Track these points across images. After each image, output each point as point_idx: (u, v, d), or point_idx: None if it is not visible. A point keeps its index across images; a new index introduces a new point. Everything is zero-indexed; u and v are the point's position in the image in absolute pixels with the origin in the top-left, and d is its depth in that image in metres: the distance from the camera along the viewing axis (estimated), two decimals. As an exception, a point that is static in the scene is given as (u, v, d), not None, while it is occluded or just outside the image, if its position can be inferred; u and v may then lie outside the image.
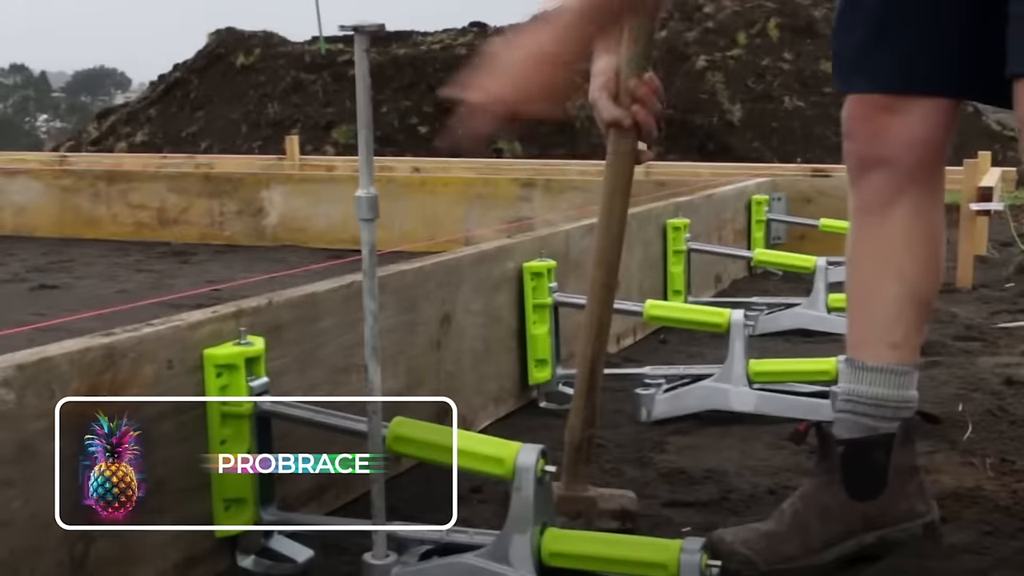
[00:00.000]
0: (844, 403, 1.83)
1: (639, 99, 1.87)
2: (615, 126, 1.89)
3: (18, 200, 7.10)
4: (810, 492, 1.80)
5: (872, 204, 1.82)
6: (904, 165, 1.78)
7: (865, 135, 1.80)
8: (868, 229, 1.84)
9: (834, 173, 6.89)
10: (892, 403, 1.80)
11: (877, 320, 1.82)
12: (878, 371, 1.80)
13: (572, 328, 3.02)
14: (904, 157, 1.78)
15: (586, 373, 1.97)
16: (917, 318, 1.83)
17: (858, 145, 1.82)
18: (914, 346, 1.84)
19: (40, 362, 1.45)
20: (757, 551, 1.72)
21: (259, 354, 1.76)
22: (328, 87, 15.56)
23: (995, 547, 1.81)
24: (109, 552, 1.54)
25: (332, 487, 2.04)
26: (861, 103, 1.80)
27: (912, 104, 1.76)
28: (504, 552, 1.57)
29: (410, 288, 2.30)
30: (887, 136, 1.78)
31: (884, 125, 1.78)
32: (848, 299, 1.90)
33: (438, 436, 1.68)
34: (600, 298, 1.98)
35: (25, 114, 65.03)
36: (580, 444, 1.95)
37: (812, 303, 3.68)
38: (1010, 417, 2.50)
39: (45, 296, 4.83)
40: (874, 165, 1.80)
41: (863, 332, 1.84)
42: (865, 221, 1.84)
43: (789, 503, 1.81)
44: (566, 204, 5.84)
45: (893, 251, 1.81)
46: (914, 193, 1.80)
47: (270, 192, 6.55)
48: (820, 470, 1.81)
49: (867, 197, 1.83)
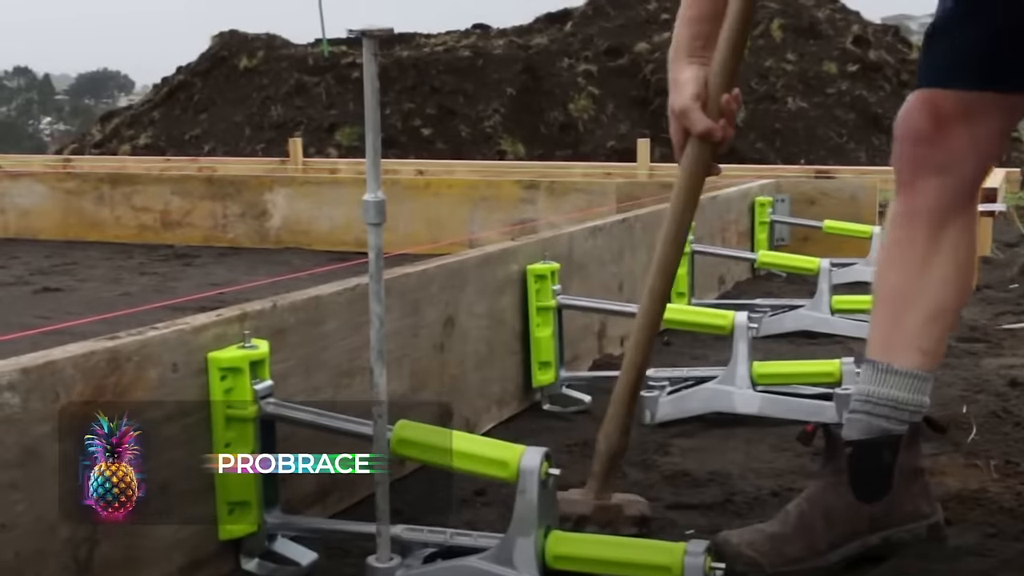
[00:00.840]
0: (861, 404, 1.83)
1: (727, 113, 1.86)
2: (705, 138, 1.87)
3: (22, 203, 7.11)
4: (816, 493, 1.81)
5: (923, 211, 1.81)
6: (965, 176, 1.79)
7: (936, 141, 1.78)
8: (914, 234, 1.82)
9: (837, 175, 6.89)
10: (910, 407, 1.81)
11: (910, 325, 1.82)
12: (904, 375, 1.81)
13: (575, 331, 3.02)
14: (967, 168, 1.78)
15: (630, 380, 1.95)
16: (947, 327, 1.86)
17: (921, 150, 1.79)
18: (939, 353, 1.86)
19: (45, 366, 1.46)
20: (762, 553, 1.72)
21: (263, 357, 1.76)
22: (331, 89, 15.58)
23: (999, 549, 1.81)
24: (113, 555, 1.54)
25: (336, 490, 2.04)
26: (936, 108, 1.78)
27: (990, 114, 1.76)
28: (508, 555, 1.57)
29: (414, 291, 2.30)
30: (956, 145, 1.77)
31: (956, 133, 1.76)
32: (877, 299, 1.90)
33: (442, 439, 1.68)
34: (657, 308, 1.96)
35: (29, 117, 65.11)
36: (616, 452, 1.95)
37: (816, 305, 3.68)
38: (1015, 419, 2.50)
39: (49, 299, 4.84)
40: (934, 172, 1.79)
41: (892, 335, 1.84)
42: (914, 226, 1.82)
43: (794, 505, 1.81)
44: (570, 206, 5.85)
45: (942, 260, 1.81)
46: (968, 205, 1.81)
47: (273, 195, 6.55)
48: (826, 471, 1.81)
49: (919, 203, 1.81)
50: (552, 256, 2.83)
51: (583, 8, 16.72)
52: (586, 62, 15.37)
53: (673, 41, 1.90)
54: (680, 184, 1.93)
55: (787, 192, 5.45)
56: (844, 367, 2.61)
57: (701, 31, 1.86)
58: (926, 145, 1.79)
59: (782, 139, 14.09)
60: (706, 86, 1.85)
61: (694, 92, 1.84)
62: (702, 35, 1.86)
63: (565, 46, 15.72)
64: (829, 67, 15.33)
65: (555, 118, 14.59)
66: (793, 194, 5.45)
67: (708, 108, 1.85)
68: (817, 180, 6.25)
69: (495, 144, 14.42)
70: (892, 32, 17.27)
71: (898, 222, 1.86)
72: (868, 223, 5.03)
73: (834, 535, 1.76)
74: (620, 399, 1.95)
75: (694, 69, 1.85)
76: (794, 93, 14.83)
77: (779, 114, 14.20)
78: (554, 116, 14.60)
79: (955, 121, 1.76)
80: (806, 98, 14.71)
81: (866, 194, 5.47)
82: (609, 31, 15.91)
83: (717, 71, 1.85)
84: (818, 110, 14.81)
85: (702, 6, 1.87)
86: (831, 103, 14.86)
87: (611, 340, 3.32)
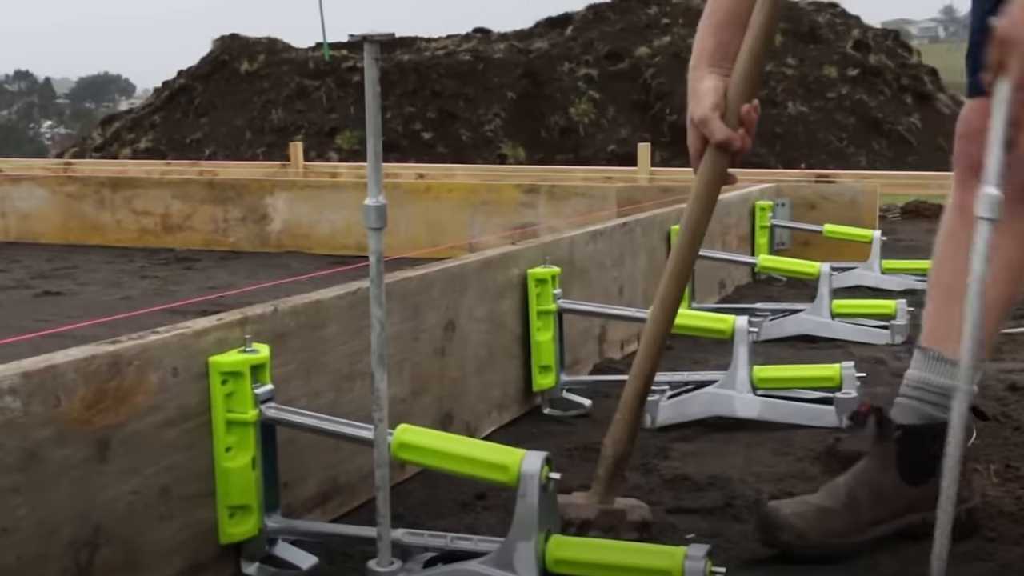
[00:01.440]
0: (912, 390, 1.90)
1: (746, 123, 1.88)
2: (724, 147, 1.88)
3: (23, 206, 7.12)
4: (863, 472, 1.88)
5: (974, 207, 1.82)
6: (1015, 180, 1.76)
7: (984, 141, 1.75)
8: (966, 228, 1.80)
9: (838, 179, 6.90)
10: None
11: (961, 317, 1.84)
12: (954, 364, 1.83)
13: (576, 335, 3.02)
14: (1018, 173, 1.76)
15: (640, 387, 1.95)
16: (1000, 319, 1.92)
17: (974, 148, 1.79)
18: (990, 345, 1.93)
19: (46, 369, 1.46)
20: (811, 524, 1.79)
21: (264, 361, 1.76)
22: (332, 93, 15.60)
23: (999, 553, 1.82)
24: (114, 559, 1.54)
25: (336, 494, 2.04)
26: (982, 113, 1.77)
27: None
28: (509, 559, 1.57)
29: (414, 295, 2.31)
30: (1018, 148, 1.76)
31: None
32: (931, 289, 1.97)
33: (443, 443, 1.68)
34: (669, 315, 1.96)
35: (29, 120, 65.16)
36: (622, 457, 1.95)
37: (816, 309, 3.68)
38: (1014, 423, 2.50)
39: (49, 303, 4.84)
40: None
41: (947, 326, 1.87)
42: (964, 219, 1.84)
43: (844, 481, 1.88)
44: (570, 210, 5.85)
45: (996, 256, 1.79)
46: (1018, 209, 1.81)
47: (274, 198, 6.56)
48: (876, 453, 1.89)
49: (972, 199, 1.77)
50: (553, 260, 2.83)
51: (584, 12, 16.75)
52: (587, 66, 15.39)
53: (694, 51, 1.92)
54: (696, 192, 1.94)
55: (788, 196, 5.45)
56: (844, 371, 2.61)
57: (722, 40, 1.89)
58: (978, 144, 1.78)
59: (783, 143, 14.11)
60: (725, 96, 1.87)
61: (714, 101, 1.86)
62: (723, 44, 1.88)
63: (566, 50, 15.75)
64: (829, 71, 15.36)
65: (556, 122, 14.61)
66: (793, 198, 5.45)
67: (727, 118, 1.87)
68: (817, 184, 6.26)
69: (496, 148, 14.43)
70: (892, 36, 17.31)
71: (952, 215, 1.93)
72: (868, 227, 5.04)
73: (877, 513, 1.83)
74: (628, 405, 1.95)
75: (714, 79, 1.87)
76: (794, 97, 14.85)
77: (779, 118, 14.22)
78: (555, 120, 14.62)
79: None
80: (806, 102, 14.74)
81: (866, 198, 5.48)
82: (610, 35, 15.93)
83: (738, 81, 1.87)
84: (818, 114, 14.83)
85: (725, 12, 1.89)
86: (831, 107, 14.88)
87: (611, 344, 3.32)
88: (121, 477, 1.56)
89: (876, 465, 1.88)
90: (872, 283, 4.58)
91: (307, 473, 1.95)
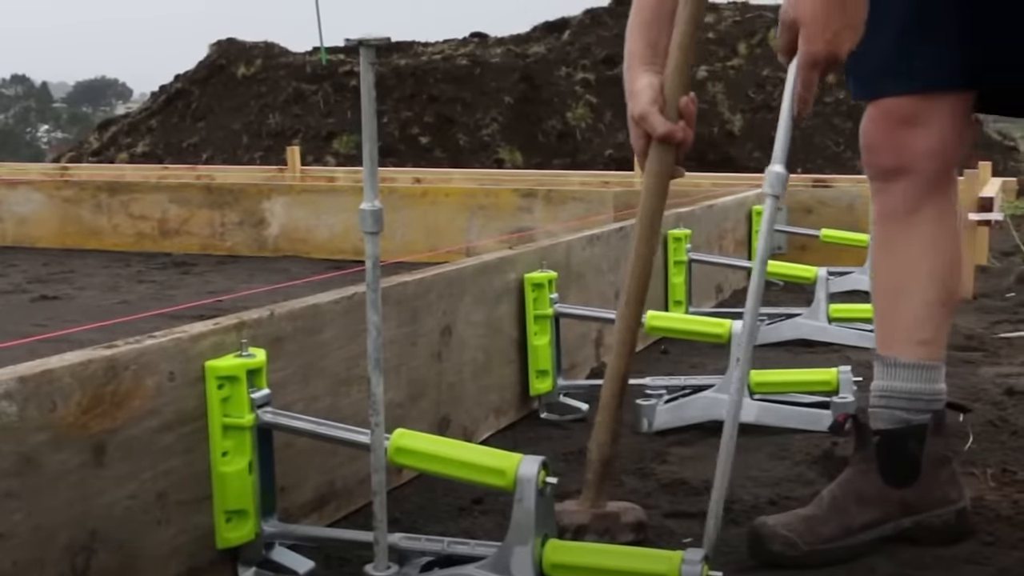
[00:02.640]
0: (878, 399, 1.92)
1: (686, 116, 1.91)
2: (666, 140, 1.91)
3: (19, 211, 7.11)
4: (847, 479, 1.89)
5: (898, 212, 1.91)
6: (927, 174, 1.87)
7: (889, 148, 1.88)
8: (895, 235, 1.92)
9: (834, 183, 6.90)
10: (924, 396, 1.89)
11: (907, 319, 1.91)
12: (910, 367, 1.89)
13: (573, 339, 3.02)
14: (927, 166, 1.87)
15: (616, 388, 1.97)
16: (944, 316, 1.93)
17: (882, 157, 1.90)
18: (941, 343, 1.93)
19: (42, 374, 1.46)
20: (798, 532, 1.80)
21: (261, 366, 1.76)
22: (329, 97, 15.59)
23: (996, 557, 1.81)
24: (110, 563, 1.54)
25: (333, 498, 2.04)
26: (884, 116, 1.87)
27: (933, 112, 1.84)
28: (505, 564, 1.57)
29: (411, 299, 2.31)
30: (910, 147, 1.86)
31: (907, 137, 1.86)
32: (876, 301, 2.00)
33: (440, 448, 1.68)
34: (635, 312, 1.98)
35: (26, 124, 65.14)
36: (609, 460, 1.96)
37: (813, 313, 3.68)
38: (1011, 428, 2.50)
39: (46, 307, 4.84)
40: (898, 175, 1.89)
41: (893, 331, 1.93)
42: (891, 227, 1.93)
43: (828, 491, 1.90)
44: (567, 215, 5.85)
45: (922, 254, 1.90)
46: (937, 198, 1.89)
47: (271, 203, 6.56)
48: (857, 458, 1.90)
49: (892, 205, 1.92)
50: (549, 265, 2.84)
51: (581, 17, 16.74)
52: (584, 71, 15.39)
53: (626, 52, 1.96)
54: (647, 188, 1.97)
55: (784, 201, 5.45)
56: (841, 376, 2.61)
57: (651, 39, 1.92)
58: (879, 153, 1.90)
59: (779, 148, 14.09)
60: (662, 91, 1.90)
61: (651, 97, 1.89)
62: (652, 43, 1.92)
63: (563, 55, 15.74)
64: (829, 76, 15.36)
65: (553, 127, 14.61)
66: (790, 203, 5.46)
67: (667, 112, 1.90)
68: (814, 189, 6.25)
69: (493, 152, 14.43)
70: (889, 41, 17.29)
71: (877, 224, 1.98)
72: (865, 232, 5.03)
73: (867, 517, 1.84)
74: (607, 407, 1.97)
75: (648, 76, 1.91)
76: (791, 102, 14.83)
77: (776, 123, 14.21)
78: (552, 125, 14.61)
79: (899, 126, 1.86)
80: (803, 107, 14.73)
81: (863, 203, 5.48)
82: (607, 40, 15.92)
83: (672, 75, 1.90)
84: (815, 119, 14.82)
85: (650, 11, 1.93)
86: (828, 112, 14.88)
87: (608, 348, 3.32)
88: (117, 482, 1.55)
89: (858, 471, 1.89)
90: (869, 287, 4.58)
91: (304, 477, 1.95)
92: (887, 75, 1.86)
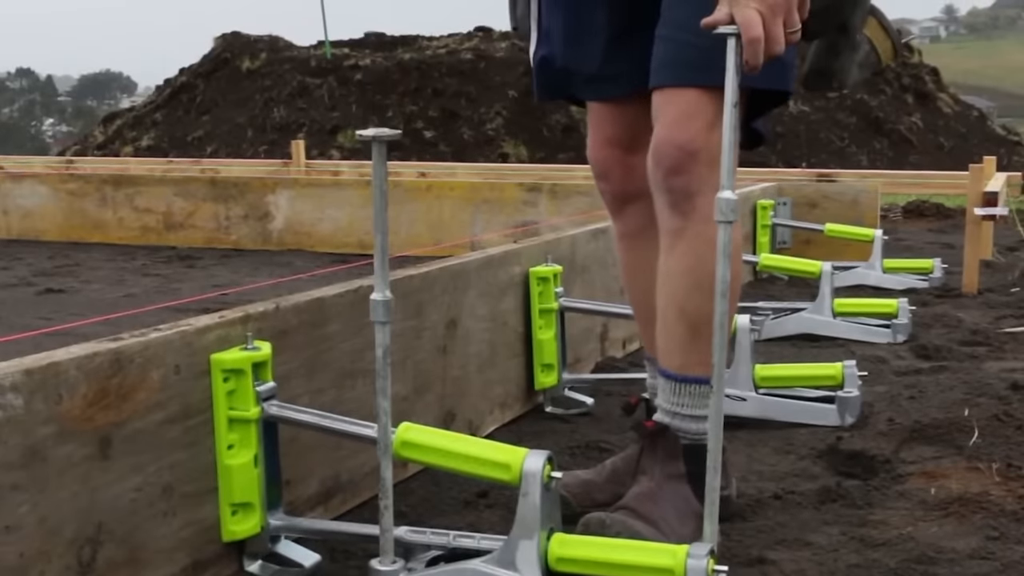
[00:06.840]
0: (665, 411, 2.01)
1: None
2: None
3: (25, 204, 7.12)
4: (628, 453, 2.04)
5: (635, 231, 2.13)
6: (649, 197, 1.99)
7: (619, 176, 2.09)
8: (637, 252, 2.14)
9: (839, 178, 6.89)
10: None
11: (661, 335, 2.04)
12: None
13: (578, 333, 3.02)
14: (613, 174, 2.10)
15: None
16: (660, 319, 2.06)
17: (614, 185, 2.12)
18: (649, 341, 2.12)
19: (48, 367, 1.46)
20: (574, 494, 1.95)
21: (266, 359, 1.76)
22: (334, 91, 15.58)
23: (1001, 552, 1.81)
24: (116, 556, 1.54)
25: (339, 492, 2.04)
26: (609, 149, 2.08)
27: (594, 121, 2.09)
28: (511, 557, 1.57)
29: (416, 293, 2.31)
30: (637, 174, 2.00)
31: (633, 165, 2.04)
32: (636, 317, 2.21)
33: (445, 441, 1.68)
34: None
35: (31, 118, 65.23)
36: None
37: (818, 308, 3.68)
38: (1016, 422, 2.50)
39: (52, 300, 4.84)
40: (630, 200, 2.10)
41: (651, 339, 2.06)
42: (632, 246, 2.16)
43: (611, 459, 2.07)
44: (572, 209, 5.85)
45: (646, 265, 2.06)
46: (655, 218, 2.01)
47: (276, 196, 6.56)
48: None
49: (629, 227, 2.14)
50: (554, 259, 2.83)
51: (585, 11, 16.70)
52: (588, 65, 15.35)
53: None
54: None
55: (789, 195, 5.45)
56: (846, 370, 2.61)
57: None
58: (615, 181, 2.13)
59: (784, 142, 14.10)
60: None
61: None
62: None
63: (567, 49, 15.71)
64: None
65: (557, 121, 14.60)
66: (795, 197, 5.45)
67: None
68: (819, 183, 6.25)
69: (497, 147, 14.43)
70: (894, 35, 17.26)
71: (620, 245, 2.20)
72: (870, 226, 5.04)
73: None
74: None
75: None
76: (795, 97, 14.82)
77: (781, 118, 14.20)
78: (556, 119, 14.61)
79: (629, 156, 2.07)
80: (808, 102, 14.72)
81: (868, 197, 5.48)
82: (611, 34, 15.90)
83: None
84: (820, 114, 14.82)
85: None
86: (833, 107, 14.87)
87: (613, 342, 3.32)
88: (123, 475, 1.56)
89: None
90: (874, 282, 4.58)
91: (309, 471, 1.95)
92: (599, 82, 2.06)
